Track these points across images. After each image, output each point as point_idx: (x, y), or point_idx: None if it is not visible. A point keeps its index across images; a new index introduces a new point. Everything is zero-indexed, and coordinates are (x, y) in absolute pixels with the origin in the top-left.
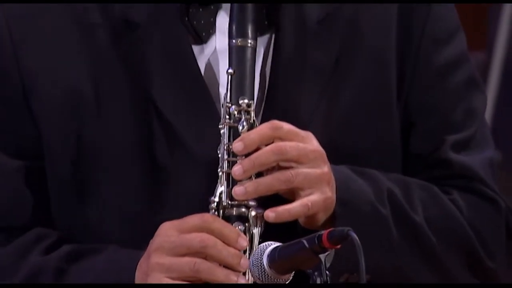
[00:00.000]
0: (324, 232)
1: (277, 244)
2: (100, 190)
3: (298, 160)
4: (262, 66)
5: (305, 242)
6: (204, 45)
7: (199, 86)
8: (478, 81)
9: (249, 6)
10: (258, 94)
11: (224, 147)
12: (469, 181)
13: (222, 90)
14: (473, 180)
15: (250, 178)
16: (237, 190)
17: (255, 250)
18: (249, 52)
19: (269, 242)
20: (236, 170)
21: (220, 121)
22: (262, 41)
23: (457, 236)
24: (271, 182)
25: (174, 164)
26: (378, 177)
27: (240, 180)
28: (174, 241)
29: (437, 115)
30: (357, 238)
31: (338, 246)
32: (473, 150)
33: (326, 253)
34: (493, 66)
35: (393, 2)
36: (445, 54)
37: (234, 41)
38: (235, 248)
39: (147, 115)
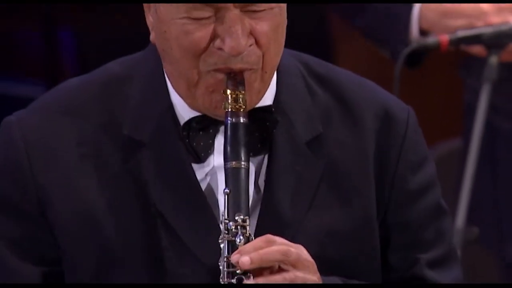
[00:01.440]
0: None
1: None
2: None
3: (296, 265)
4: (256, 180)
5: None
6: (203, 163)
7: (199, 199)
8: (444, 205)
9: (241, 131)
10: (252, 203)
11: (224, 260)
12: None
13: (221, 199)
14: None
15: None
16: (244, 260)
17: None
18: (243, 173)
19: None
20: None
21: (218, 230)
22: (257, 159)
23: None
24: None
25: (180, 269)
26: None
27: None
28: None
29: (410, 234)
30: None
31: None
32: (445, 267)
33: None
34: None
35: None
36: (417, 179)
37: (229, 163)
38: None
39: (155, 225)
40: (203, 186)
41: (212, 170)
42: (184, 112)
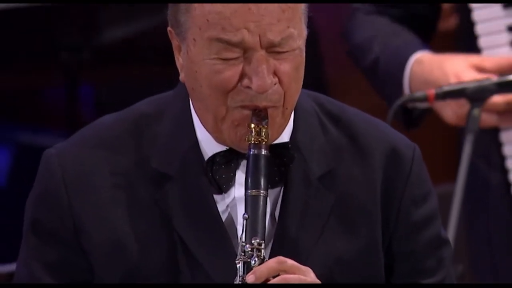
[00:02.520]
0: None
1: None
2: None
3: (293, 272)
4: (272, 209)
5: None
6: (225, 195)
7: (219, 229)
8: (444, 235)
9: (262, 162)
10: (267, 231)
11: (239, 279)
12: None
13: (240, 229)
14: None
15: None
16: (249, 278)
17: None
18: (261, 201)
19: None
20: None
21: (235, 257)
22: (274, 191)
23: None
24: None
25: None
26: None
27: None
28: None
29: (413, 262)
30: None
31: None
32: None
33: None
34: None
35: None
36: (421, 212)
37: (249, 191)
38: None
39: (177, 252)
40: (224, 217)
41: (232, 201)
42: (209, 147)
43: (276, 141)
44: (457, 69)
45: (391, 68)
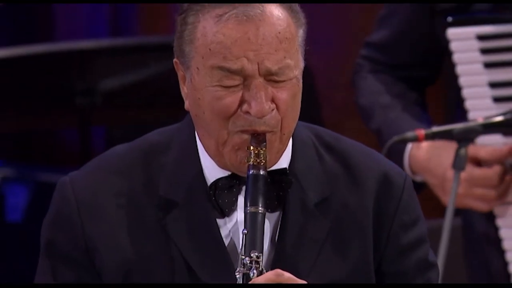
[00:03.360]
0: None
1: None
2: None
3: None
4: (273, 233)
5: None
6: (227, 219)
7: (222, 252)
8: (432, 258)
9: (261, 182)
10: (267, 253)
11: None
12: None
13: (238, 251)
14: None
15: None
16: None
17: None
18: (259, 217)
19: None
20: None
21: (237, 280)
22: (273, 215)
23: None
24: None
25: None
26: None
27: None
28: None
29: (401, 283)
30: None
31: None
32: None
33: None
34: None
35: None
36: (409, 236)
37: (248, 208)
38: None
39: (182, 276)
40: (227, 241)
41: (235, 226)
42: (212, 173)
43: (275, 167)
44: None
45: (392, 147)
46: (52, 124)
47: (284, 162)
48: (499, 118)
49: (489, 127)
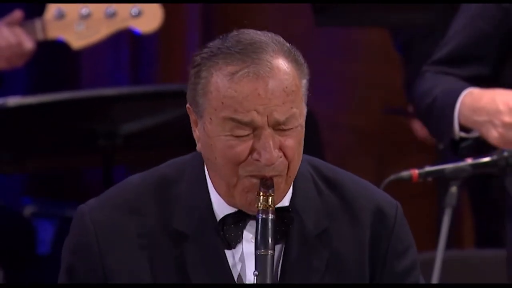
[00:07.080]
0: None
1: None
2: None
3: None
4: (276, 265)
5: None
6: (234, 250)
7: (230, 282)
8: (423, 282)
9: (270, 225)
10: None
11: None
12: None
13: (250, 280)
14: None
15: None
16: None
17: None
18: (269, 259)
19: None
20: None
21: None
22: (276, 248)
23: None
24: None
25: None
26: None
27: None
28: None
29: None
30: None
31: None
32: None
33: None
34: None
35: None
36: (402, 263)
37: (258, 251)
38: None
39: None
40: (234, 271)
41: (241, 256)
42: (220, 208)
43: (279, 205)
44: (507, 99)
45: (445, 103)
46: (78, 164)
47: (286, 200)
48: (486, 159)
49: (477, 167)
